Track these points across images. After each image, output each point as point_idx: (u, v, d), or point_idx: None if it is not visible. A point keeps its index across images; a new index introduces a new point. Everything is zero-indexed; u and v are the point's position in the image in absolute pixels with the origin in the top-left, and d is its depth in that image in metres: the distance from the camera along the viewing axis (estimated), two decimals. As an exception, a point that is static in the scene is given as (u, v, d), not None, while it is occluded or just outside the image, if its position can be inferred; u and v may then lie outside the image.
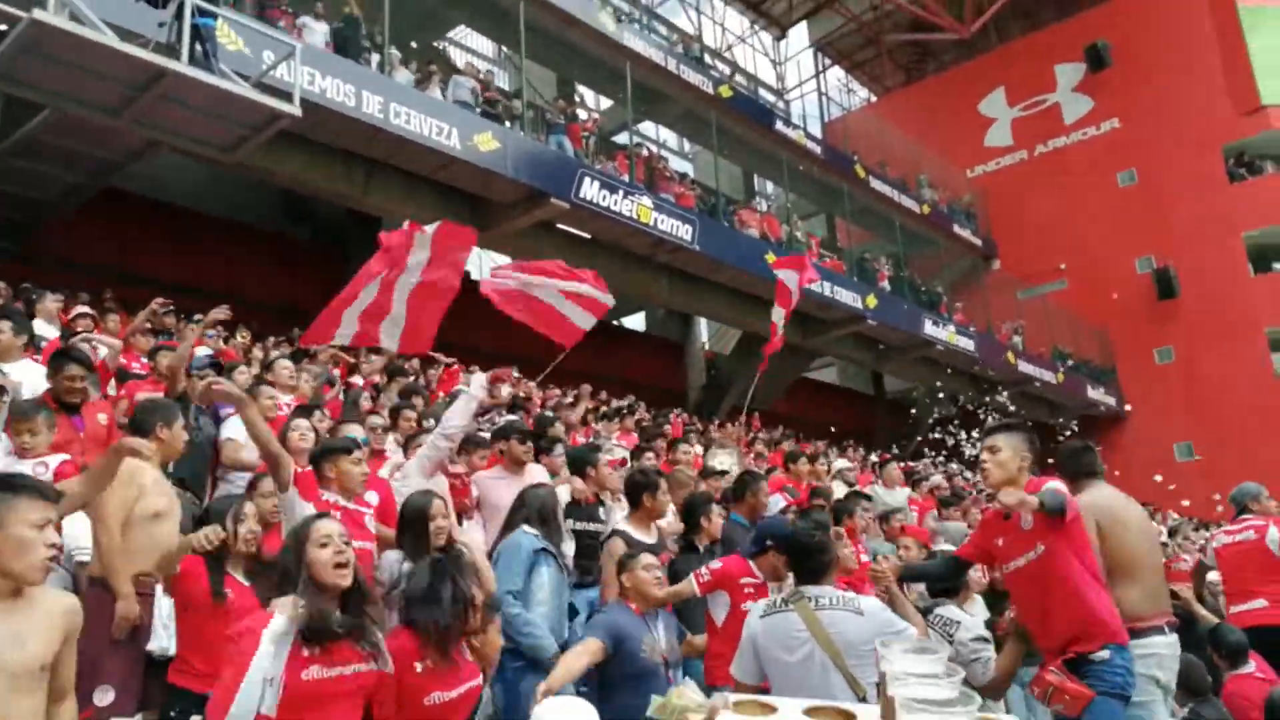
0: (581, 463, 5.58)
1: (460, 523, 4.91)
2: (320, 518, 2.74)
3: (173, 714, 3.29)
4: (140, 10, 8.14)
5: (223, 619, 3.30)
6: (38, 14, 7.27)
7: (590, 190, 13.30)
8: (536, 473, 5.55)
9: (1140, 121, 26.36)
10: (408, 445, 5.83)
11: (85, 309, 8.34)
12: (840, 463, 10.48)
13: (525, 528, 4.29)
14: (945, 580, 4.09)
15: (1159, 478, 19.00)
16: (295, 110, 9.04)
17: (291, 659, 2.38)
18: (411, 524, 3.72)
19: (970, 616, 3.97)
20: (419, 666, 2.69)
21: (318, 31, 11.35)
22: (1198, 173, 24.95)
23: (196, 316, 7.00)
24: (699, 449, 9.12)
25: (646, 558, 3.85)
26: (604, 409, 12.23)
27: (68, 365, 4.61)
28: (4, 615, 2.24)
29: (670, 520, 5.22)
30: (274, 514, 3.97)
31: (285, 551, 2.65)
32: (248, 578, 3.49)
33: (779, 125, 21.54)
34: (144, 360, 6.79)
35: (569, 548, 4.91)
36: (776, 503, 6.63)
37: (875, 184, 23.23)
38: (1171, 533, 11.77)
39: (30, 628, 2.28)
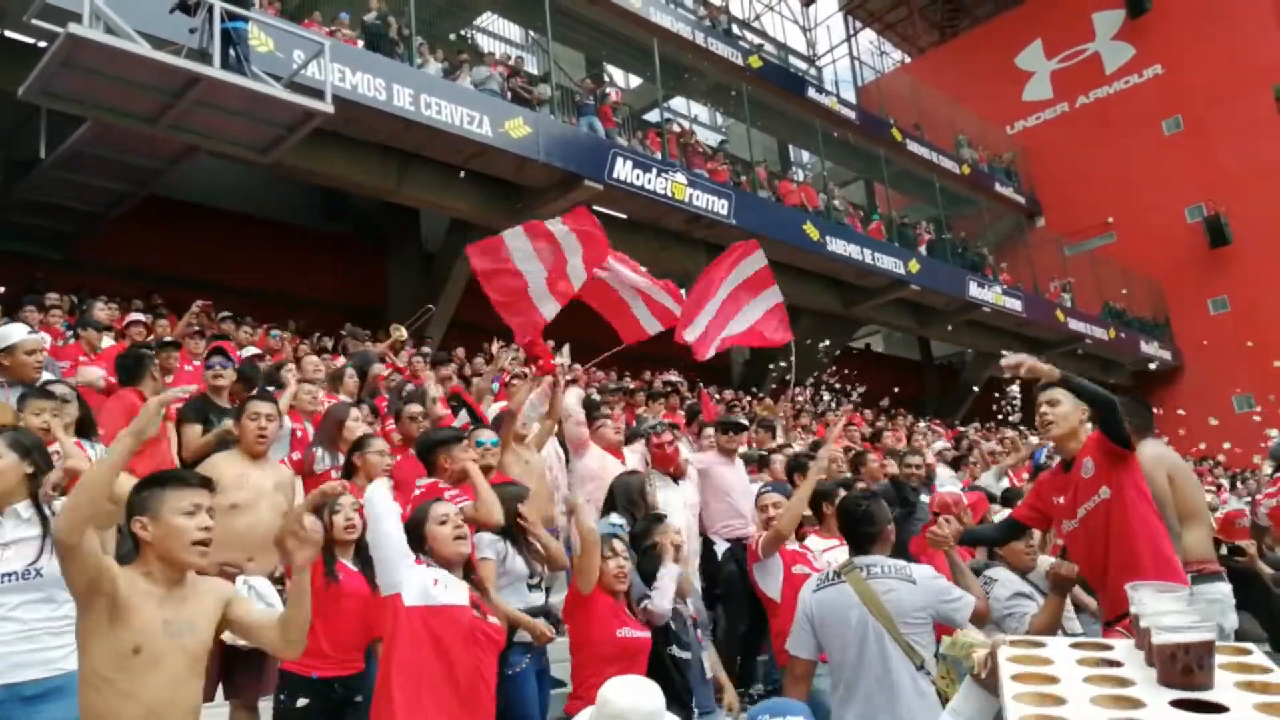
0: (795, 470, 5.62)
1: (676, 483, 5.60)
2: (437, 501, 3.31)
3: (281, 697, 3.38)
4: (173, 18, 8.25)
5: (329, 601, 3.41)
6: (73, 28, 7.43)
7: (624, 170, 13.26)
8: (740, 464, 6.04)
9: (1184, 66, 25.58)
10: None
11: (138, 315, 8.54)
12: (939, 444, 10.45)
13: (612, 516, 4.47)
14: (1000, 543, 4.13)
15: (1215, 421, 18.47)
16: (328, 108, 9.12)
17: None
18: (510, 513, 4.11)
19: (1008, 574, 4.00)
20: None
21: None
22: (1247, 115, 24.23)
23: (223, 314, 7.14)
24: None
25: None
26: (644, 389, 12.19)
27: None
28: (177, 602, 2.37)
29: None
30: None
31: (410, 527, 3.15)
32: (355, 563, 3.60)
33: (811, 93, 21.30)
34: (196, 363, 6.93)
35: None
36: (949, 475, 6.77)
37: (913, 147, 22.89)
38: (1232, 483, 11.53)
39: (199, 612, 2.42)
